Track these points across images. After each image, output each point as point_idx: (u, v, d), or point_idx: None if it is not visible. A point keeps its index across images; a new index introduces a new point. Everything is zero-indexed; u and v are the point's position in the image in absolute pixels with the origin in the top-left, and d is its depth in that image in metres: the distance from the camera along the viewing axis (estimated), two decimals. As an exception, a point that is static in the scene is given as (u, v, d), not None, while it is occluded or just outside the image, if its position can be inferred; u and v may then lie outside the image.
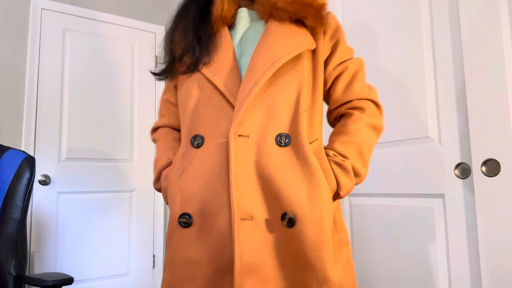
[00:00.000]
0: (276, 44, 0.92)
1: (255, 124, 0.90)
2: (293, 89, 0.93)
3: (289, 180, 0.87)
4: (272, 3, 0.96)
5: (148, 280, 2.92)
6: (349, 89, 1.01)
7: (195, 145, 0.94)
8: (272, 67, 0.89)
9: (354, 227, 1.90)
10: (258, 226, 0.86)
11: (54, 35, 2.73)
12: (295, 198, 0.86)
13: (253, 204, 0.87)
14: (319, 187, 0.87)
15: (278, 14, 0.96)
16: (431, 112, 1.60)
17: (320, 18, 0.96)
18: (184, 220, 0.88)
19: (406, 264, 1.66)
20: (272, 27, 0.95)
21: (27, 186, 1.48)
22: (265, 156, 0.88)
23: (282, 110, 0.91)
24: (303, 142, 0.90)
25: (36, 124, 2.60)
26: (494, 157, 1.36)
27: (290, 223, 0.85)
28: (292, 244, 0.85)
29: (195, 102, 0.96)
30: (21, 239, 1.44)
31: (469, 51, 1.45)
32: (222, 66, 0.94)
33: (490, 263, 1.35)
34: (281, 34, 0.94)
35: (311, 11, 0.95)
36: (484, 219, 1.37)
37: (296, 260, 0.85)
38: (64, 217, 2.63)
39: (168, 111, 1.12)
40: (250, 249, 0.84)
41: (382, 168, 1.77)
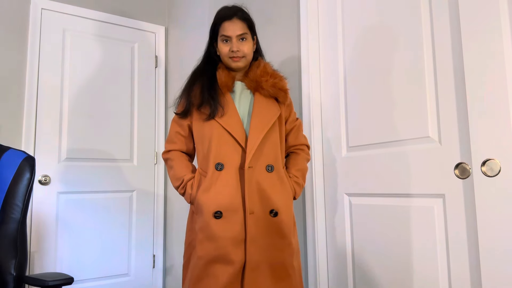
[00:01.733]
0: (265, 112, 1.56)
1: (256, 160, 1.52)
2: (275, 139, 1.58)
3: (273, 191, 1.53)
4: (259, 84, 1.59)
5: (148, 280, 2.93)
6: (297, 139, 1.72)
7: (218, 169, 1.51)
8: (266, 129, 1.54)
9: (354, 227, 1.90)
10: (258, 217, 1.50)
11: (54, 35, 2.73)
12: (277, 201, 1.52)
13: (254, 205, 1.50)
14: (288, 194, 1.57)
15: (262, 92, 1.59)
16: (431, 112, 1.60)
17: (286, 98, 1.63)
18: (217, 214, 1.47)
19: (406, 264, 1.66)
20: (259, 99, 1.58)
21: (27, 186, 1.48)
22: (260, 177, 1.52)
23: (269, 151, 1.56)
24: (280, 169, 1.58)
25: (36, 124, 2.60)
26: (494, 157, 1.36)
27: (275, 215, 1.51)
28: (275, 226, 1.51)
29: (217, 141, 1.52)
30: (21, 239, 1.44)
31: (469, 51, 1.45)
32: (232, 120, 1.52)
33: (490, 263, 1.35)
34: (266, 105, 1.58)
35: (281, 94, 1.60)
36: (484, 219, 1.38)
37: (276, 234, 1.51)
38: (64, 217, 2.63)
39: (178, 140, 1.64)
40: (253, 229, 1.48)
41: (382, 168, 1.77)
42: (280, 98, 1.60)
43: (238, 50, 1.54)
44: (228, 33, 1.54)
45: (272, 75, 1.60)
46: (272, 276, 1.47)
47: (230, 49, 1.54)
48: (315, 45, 2.15)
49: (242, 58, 1.57)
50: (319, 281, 2.01)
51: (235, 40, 1.55)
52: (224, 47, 1.56)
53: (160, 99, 3.11)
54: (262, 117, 1.54)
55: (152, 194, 3.01)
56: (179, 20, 3.02)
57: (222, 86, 1.56)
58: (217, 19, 1.59)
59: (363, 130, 1.88)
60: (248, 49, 1.57)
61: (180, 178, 1.56)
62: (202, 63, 1.67)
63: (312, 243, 2.06)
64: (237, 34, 1.54)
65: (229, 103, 1.54)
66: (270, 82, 1.58)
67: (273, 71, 1.63)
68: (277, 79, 1.60)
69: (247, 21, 1.59)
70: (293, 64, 2.30)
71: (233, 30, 1.54)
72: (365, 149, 1.87)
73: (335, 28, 2.06)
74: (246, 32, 1.57)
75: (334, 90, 2.05)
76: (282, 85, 1.61)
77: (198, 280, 1.46)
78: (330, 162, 2.04)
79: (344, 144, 1.99)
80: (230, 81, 1.57)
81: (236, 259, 1.43)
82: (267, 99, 1.58)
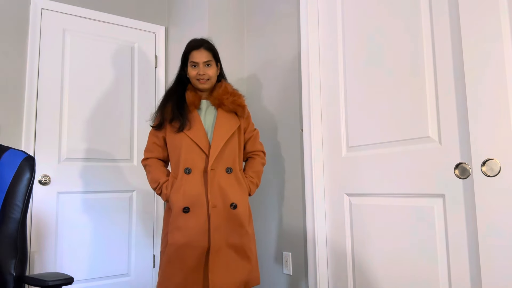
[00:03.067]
0: (226, 125, 1.88)
1: (217, 164, 1.84)
2: (234, 146, 1.90)
3: (232, 188, 1.86)
4: (221, 101, 1.91)
5: (148, 280, 2.92)
6: (254, 146, 2.04)
7: (186, 173, 1.83)
8: (226, 137, 1.86)
9: (354, 227, 1.90)
10: (219, 209, 1.81)
11: (54, 35, 2.72)
12: (235, 196, 1.85)
13: (216, 200, 1.81)
14: (244, 191, 1.90)
15: (224, 107, 1.91)
16: (431, 112, 1.60)
17: (243, 112, 1.95)
18: (186, 210, 1.78)
19: (406, 264, 1.66)
20: (222, 114, 1.90)
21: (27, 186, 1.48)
22: (221, 178, 1.84)
23: (229, 156, 1.88)
24: (237, 171, 1.91)
25: (36, 124, 2.60)
26: (494, 157, 1.36)
27: (234, 207, 1.83)
28: (234, 217, 1.83)
29: (186, 150, 1.83)
30: (21, 239, 1.44)
31: (469, 51, 1.45)
32: (198, 132, 1.84)
33: (490, 263, 1.35)
34: (227, 119, 1.90)
35: (239, 109, 1.93)
36: (484, 219, 1.38)
37: (235, 224, 1.83)
38: (64, 217, 2.63)
39: (155, 149, 1.95)
40: (216, 220, 1.79)
41: (382, 168, 1.77)
42: (239, 112, 1.92)
43: (204, 74, 1.87)
44: (196, 60, 1.88)
45: (232, 93, 1.93)
46: (235, 255, 1.80)
47: (198, 72, 1.87)
48: (315, 45, 2.15)
49: (208, 81, 1.89)
50: (319, 281, 2.01)
51: (202, 65, 1.87)
52: (192, 71, 1.89)
53: (160, 99, 3.11)
54: (223, 128, 1.86)
55: (152, 194, 3.01)
56: (179, 20, 3.02)
57: (190, 104, 1.87)
58: (187, 49, 1.91)
59: (363, 130, 1.88)
60: (212, 73, 1.90)
61: (156, 181, 1.88)
62: (174, 84, 1.97)
63: (312, 243, 2.06)
64: (203, 61, 1.88)
65: (196, 118, 1.85)
66: (230, 100, 1.90)
67: (233, 90, 1.96)
68: (236, 97, 1.93)
69: (212, 51, 1.91)
70: (293, 64, 2.30)
71: (200, 57, 1.87)
72: (365, 149, 1.87)
73: (335, 28, 2.06)
74: (211, 60, 1.89)
75: (334, 90, 2.05)
76: (240, 101, 1.93)
77: (168, 262, 1.76)
78: (330, 162, 2.04)
79: (344, 144, 1.99)
80: (197, 100, 1.90)
81: (201, 245, 1.75)
82: (228, 113, 1.90)
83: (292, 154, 2.27)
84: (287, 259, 2.25)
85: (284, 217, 2.31)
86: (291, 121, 2.30)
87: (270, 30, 2.50)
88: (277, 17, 2.44)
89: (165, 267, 1.77)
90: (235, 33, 2.73)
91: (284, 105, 2.35)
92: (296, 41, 2.28)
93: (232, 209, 1.82)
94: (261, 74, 2.56)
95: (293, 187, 2.25)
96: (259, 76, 2.58)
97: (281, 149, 2.36)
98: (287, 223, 2.28)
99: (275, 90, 2.43)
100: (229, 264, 1.79)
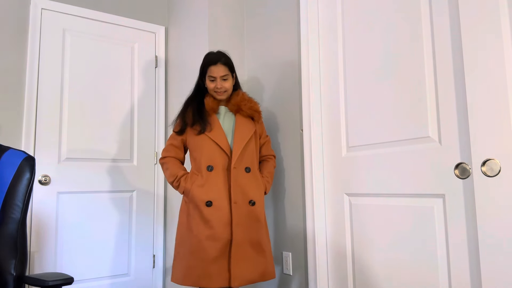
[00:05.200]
0: (245, 129, 2.06)
1: (239, 163, 2.00)
2: (252, 148, 2.07)
3: (251, 186, 2.01)
4: (239, 107, 2.08)
5: (148, 280, 2.92)
6: (267, 150, 2.22)
7: (209, 170, 1.97)
8: (245, 140, 2.03)
9: (354, 227, 1.90)
10: (240, 205, 1.95)
11: (54, 35, 2.72)
12: (254, 193, 2.00)
13: (237, 196, 1.95)
14: (261, 189, 2.05)
15: (242, 113, 2.09)
16: (431, 112, 1.60)
17: (259, 117, 2.14)
18: (208, 203, 1.91)
19: (406, 264, 1.66)
20: (240, 119, 2.08)
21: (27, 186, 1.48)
22: (241, 177, 1.99)
23: (248, 157, 2.04)
24: (255, 170, 2.07)
25: (36, 124, 2.60)
26: (494, 157, 1.36)
27: (253, 204, 1.98)
28: (252, 213, 1.98)
29: (207, 150, 1.99)
30: (21, 239, 1.44)
31: (469, 51, 1.45)
32: (218, 134, 2.00)
33: (490, 263, 1.35)
34: (245, 123, 2.08)
35: (256, 114, 2.12)
36: (484, 219, 1.38)
37: (253, 219, 1.97)
38: (64, 217, 2.63)
39: (173, 150, 2.09)
40: (237, 215, 1.93)
41: (382, 168, 1.77)
42: (255, 117, 2.11)
43: (221, 87, 2.04)
44: (213, 75, 2.03)
45: (248, 100, 2.12)
46: (252, 250, 1.93)
47: (215, 86, 2.03)
48: (315, 45, 2.15)
49: (224, 93, 2.06)
50: (319, 281, 2.01)
51: (219, 80, 2.03)
52: (210, 84, 2.05)
53: (160, 99, 3.11)
54: (243, 131, 2.04)
55: (152, 194, 3.01)
56: (179, 20, 3.02)
57: (209, 109, 2.05)
58: (205, 63, 2.07)
59: (363, 130, 1.88)
60: (229, 86, 2.06)
61: (174, 175, 2.02)
62: (194, 92, 2.15)
63: (312, 243, 2.06)
64: (221, 76, 2.03)
65: (215, 122, 2.03)
66: (247, 106, 2.09)
67: (249, 98, 2.14)
68: (252, 103, 2.12)
69: (228, 65, 2.06)
70: (293, 65, 2.30)
71: (217, 72, 2.03)
72: (365, 149, 1.87)
73: (335, 29, 2.06)
74: (228, 74, 2.04)
75: (334, 90, 2.05)
76: (257, 108, 2.13)
77: (191, 253, 1.87)
78: (330, 162, 2.04)
79: (344, 144, 1.99)
80: (215, 106, 2.07)
81: (224, 237, 1.88)
82: (246, 118, 2.09)
83: (292, 154, 2.27)
84: (287, 259, 2.25)
85: (284, 217, 2.31)
86: (291, 121, 2.30)
87: (270, 30, 2.50)
88: (277, 17, 2.44)
89: (188, 257, 1.86)
90: (235, 34, 2.73)
91: (284, 105, 2.35)
92: (296, 42, 2.29)
93: (251, 206, 1.96)
94: (261, 74, 2.56)
95: (293, 187, 2.25)
96: (259, 76, 2.58)
97: (281, 149, 2.36)
98: (287, 223, 2.28)
99: (275, 90, 2.44)
100: (249, 258, 1.91)
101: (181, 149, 2.10)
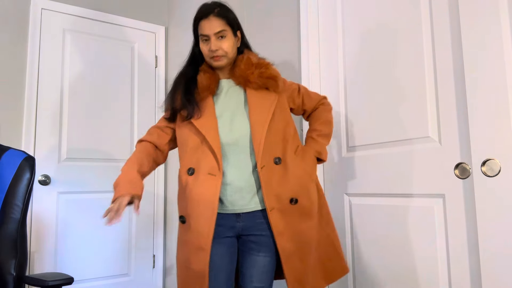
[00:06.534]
0: (260, 107, 1.47)
1: (265, 159, 1.45)
2: (279, 128, 1.50)
3: (285, 180, 1.47)
4: (246, 78, 1.50)
5: (148, 280, 2.93)
6: (310, 103, 1.66)
7: (189, 174, 1.46)
8: (266, 125, 1.45)
9: (354, 227, 1.90)
10: (280, 211, 1.46)
11: (54, 35, 2.73)
12: (292, 188, 1.47)
13: (272, 202, 1.44)
14: (306, 174, 1.52)
15: (251, 85, 1.50)
16: (431, 112, 1.60)
17: (277, 85, 1.51)
18: (182, 219, 1.49)
19: (406, 264, 1.66)
20: (252, 94, 1.50)
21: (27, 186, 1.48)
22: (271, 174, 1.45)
23: (275, 144, 1.48)
24: (291, 155, 1.50)
25: (36, 124, 2.60)
26: (494, 157, 1.36)
27: (295, 202, 1.47)
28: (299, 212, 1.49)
29: (191, 146, 1.48)
30: (21, 239, 1.44)
31: (469, 51, 1.45)
32: (207, 122, 1.46)
33: (490, 263, 1.36)
34: (260, 99, 1.49)
35: (270, 82, 1.50)
36: (484, 219, 1.38)
37: (303, 218, 1.50)
38: (64, 217, 2.63)
39: (154, 132, 1.59)
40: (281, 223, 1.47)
41: (382, 168, 1.77)
42: (271, 87, 1.50)
43: (218, 49, 1.47)
44: (205, 32, 1.47)
45: (257, 65, 1.51)
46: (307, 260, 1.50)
47: (209, 48, 1.47)
48: (315, 45, 2.15)
49: (223, 57, 1.49)
50: (319, 281, 2.01)
51: (214, 38, 1.47)
52: (204, 46, 1.50)
53: (160, 99, 3.11)
54: (259, 112, 1.47)
55: (152, 194, 3.01)
56: (179, 20, 3.02)
57: (203, 89, 1.50)
58: (195, 18, 1.52)
59: (363, 130, 1.88)
60: (229, 46, 1.48)
61: (121, 171, 1.49)
62: (186, 65, 1.62)
63: (312, 243, 2.06)
64: (215, 32, 1.46)
65: (208, 105, 1.49)
66: (256, 74, 1.49)
67: (258, 60, 1.53)
68: (263, 68, 1.50)
69: (225, 18, 1.48)
70: (293, 65, 2.30)
71: (209, 28, 1.46)
72: (365, 149, 1.87)
73: (335, 29, 2.06)
74: (225, 29, 1.47)
75: (334, 90, 2.05)
76: (270, 73, 1.50)
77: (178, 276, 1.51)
78: (330, 162, 2.04)
79: (344, 144, 1.99)
80: (213, 83, 1.52)
81: (196, 268, 1.41)
82: (260, 91, 1.50)
83: (292, 154, 2.27)
84: (287, 259, 2.24)
85: (284, 217, 2.31)
86: (291, 121, 2.29)
87: (270, 30, 2.50)
88: (277, 17, 2.45)
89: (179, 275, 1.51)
90: (235, 33, 2.73)
91: (284, 105, 2.35)
92: (296, 41, 2.29)
93: (294, 205, 1.46)
94: (261, 74, 2.56)
95: (293, 187, 2.25)
96: (259, 76, 2.57)
97: (281, 149, 2.35)
98: (287, 223, 2.28)
99: (275, 90, 2.43)
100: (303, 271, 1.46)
101: (166, 131, 1.60)
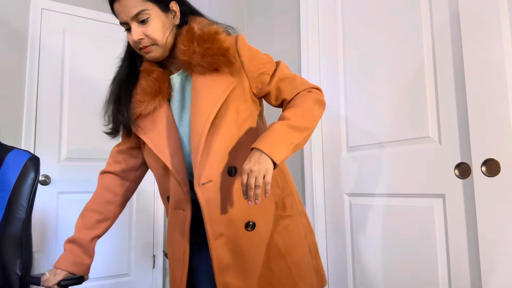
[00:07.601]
0: (205, 100, 1.09)
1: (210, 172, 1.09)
2: (230, 125, 1.11)
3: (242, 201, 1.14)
4: (188, 62, 1.11)
5: (148, 280, 2.93)
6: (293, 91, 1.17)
7: (168, 201, 1.19)
8: (208, 125, 1.08)
9: (354, 227, 1.91)
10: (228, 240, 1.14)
11: (54, 35, 2.72)
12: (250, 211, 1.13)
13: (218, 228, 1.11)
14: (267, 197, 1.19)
15: (196, 69, 1.11)
16: (431, 112, 1.61)
17: (230, 63, 1.10)
18: (164, 252, 1.35)
19: (406, 264, 1.67)
20: (197, 83, 1.11)
21: (32, 186, 1.49)
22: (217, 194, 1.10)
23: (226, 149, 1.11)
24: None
25: (36, 124, 2.60)
26: (494, 157, 1.37)
27: (252, 228, 1.13)
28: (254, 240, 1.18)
29: (157, 174, 1.20)
30: (26, 239, 1.44)
31: (469, 51, 1.46)
32: (163, 142, 1.13)
33: (490, 263, 1.37)
34: (206, 87, 1.10)
35: (221, 60, 1.09)
36: (484, 219, 1.39)
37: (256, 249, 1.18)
38: (64, 217, 2.63)
39: (122, 159, 1.38)
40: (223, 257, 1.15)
41: (382, 168, 1.78)
42: (223, 68, 1.10)
43: (142, 38, 1.11)
44: (122, 19, 1.12)
45: (200, 39, 1.09)
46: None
47: (132, 39, 1.12)
48: (315, 45, 2.16)
49: (153, 46, 1.12)
50: (319, 280, 2.02)
51: (134, 25, 1.11)
52: (129, 37, 1.14)
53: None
54: (201, 107, 1.08)
55: (152, 194, 3.01)
56: (179, 20, 3.02)
57: (152, 97, 1.16)
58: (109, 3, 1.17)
59: (363, 130, 1.89)
60: (156, 30, 1.10)
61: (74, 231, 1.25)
62: (121, 65, 1.30)
63: (312, 243, 2.07)
64: (131, 17, 1.10)
65: (162, 119, 1.16)
66: (200, 52, 1.09)
67: (202, 31, 1.11)
68: (208, 42, 1.09)
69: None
70: (293, 64, 2.31)
71: (124, 13, 1.10)
72: (365, 149, 1.89)
73: (335, 28, 2.08)
74: (144, 9, 1.09)
75: (334, 90, 2.06)
76: (218, 46, 1.09)
77: None
78: (330, 162, 2.05)
79: (344, 144, 2.00)
80: (163, 85, 1.16)
81: None
82: (208, 75, 1.11)
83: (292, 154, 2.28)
84: (288, 259, 2.25)
85: (284, 217, 2.32)
86: (291, 122, 2.30)
87: (270, 31, 2.51)
88: (277, 18, 2.45)
89: None
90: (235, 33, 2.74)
91: (285, 105, 2.36)
92: (296, 41, 2.30)
93: (250, 231, 1.11)
94: (261, 74, 2.57)
95: (294, 187, 2.26)
96: (259, 76, 2.58)
97: (281, 149, 2.36)
98: (288, 223, 2.29)
99: (275, 90, 2.44)
100: None
101: (132, 154, 1.35)
